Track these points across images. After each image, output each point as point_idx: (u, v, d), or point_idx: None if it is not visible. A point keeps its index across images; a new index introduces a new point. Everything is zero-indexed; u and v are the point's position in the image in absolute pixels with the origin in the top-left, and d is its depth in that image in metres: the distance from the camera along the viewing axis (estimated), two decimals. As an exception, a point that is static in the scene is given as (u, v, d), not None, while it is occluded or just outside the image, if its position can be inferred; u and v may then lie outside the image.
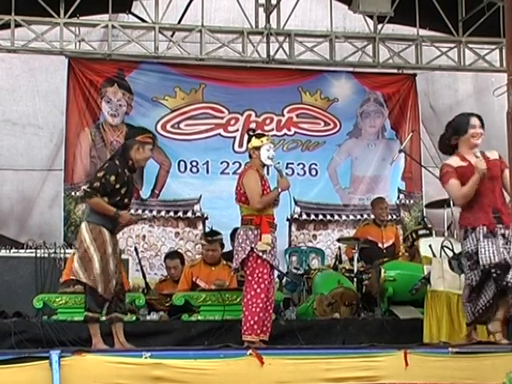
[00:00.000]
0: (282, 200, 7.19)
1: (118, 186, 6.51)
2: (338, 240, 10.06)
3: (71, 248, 8.89)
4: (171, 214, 10.85)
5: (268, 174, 7.38)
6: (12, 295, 8.46)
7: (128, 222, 6.76)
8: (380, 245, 9.72)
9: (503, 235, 6.19)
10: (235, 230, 8.03)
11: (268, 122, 11.18)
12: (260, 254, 6.85)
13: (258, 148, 7.06)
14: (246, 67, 10.83)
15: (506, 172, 6.09)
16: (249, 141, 7.19)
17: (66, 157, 10.59)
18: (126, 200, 6.63)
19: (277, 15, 10.18)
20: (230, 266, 8.29)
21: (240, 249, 6.93)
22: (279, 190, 7.04)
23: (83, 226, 6.55)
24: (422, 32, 10.59)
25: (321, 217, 11.25)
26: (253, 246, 6.87)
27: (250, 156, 7.17)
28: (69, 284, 7.97)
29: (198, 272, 8.47)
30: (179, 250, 10.11)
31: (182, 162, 10.95)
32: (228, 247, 9.17)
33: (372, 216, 10.33)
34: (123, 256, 7.90)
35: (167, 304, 8.17)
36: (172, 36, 10.24)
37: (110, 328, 6.62)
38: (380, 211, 10.01)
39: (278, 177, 7.12)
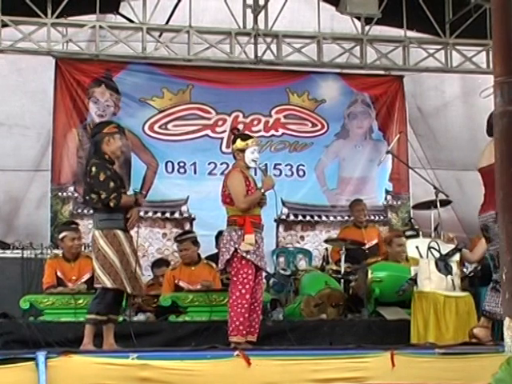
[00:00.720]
0: (270, 201, 7.19)
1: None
2: (326, 241, 10.06)
3: (58, 249, 8.87)
4: (158, 214, 10.81)
5: (255, 174, 7.37)
6: (-2, 296, 8.43)
7: (142, 202, 7.17)
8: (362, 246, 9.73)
9: None
10: (220, 232, 8.04)
11: (256, 122, 11.16)
12: (244, 254, 6.83)
13: (242, 150, 7.05)
14: (234, 68, 10.81)
15: None
16: (233, 141, 7.18)
17: (53, 157, 10.54)
18: (123, 189, 6.78)
19: (264, 16, 10.16)
20: (211, 265, 8.32)
21: (224, 250, 6.91)
22: (263, 189, 7.03)
23: (97, 234, 6.58)
24: (410, 34, 10.59)
25: (308, 218, 11.24)
26: (236, 246, 6.85)
27: (235, 157, 7.16)
28: (52, 287, 7.94)
29: (179, 274, 8.43)
30: (164, 257, 10.11)
31: (169, 163, 10.91)
32: (213, 249, 9.18)
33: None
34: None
35: (154, 305, 8.16)
36: (160, 37, 10.21)
37: (100, 328, 6.61)
38: (357, 213, 10.10)
39: (263, 176, 7.11)
